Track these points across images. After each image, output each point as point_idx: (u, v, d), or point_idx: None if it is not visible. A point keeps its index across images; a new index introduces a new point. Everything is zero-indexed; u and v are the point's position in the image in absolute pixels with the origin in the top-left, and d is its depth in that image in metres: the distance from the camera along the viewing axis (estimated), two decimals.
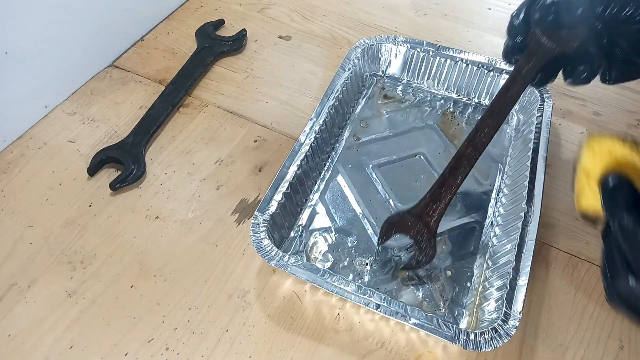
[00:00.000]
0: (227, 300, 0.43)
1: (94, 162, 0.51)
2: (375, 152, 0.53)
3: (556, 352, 0.41)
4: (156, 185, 0.50)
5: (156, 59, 0.63)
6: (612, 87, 0.61)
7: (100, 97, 0.59)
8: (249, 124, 0.57)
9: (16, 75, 0.52)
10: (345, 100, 0.55)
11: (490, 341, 0.36)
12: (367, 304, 0.39)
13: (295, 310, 0.42)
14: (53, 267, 0.44)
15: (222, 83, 0.61)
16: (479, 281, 0.44)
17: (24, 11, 0.50)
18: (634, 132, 0.57)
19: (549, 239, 0.47)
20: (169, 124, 0.56)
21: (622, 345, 0.41)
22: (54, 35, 0.54)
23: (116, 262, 0.45)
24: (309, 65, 0.63)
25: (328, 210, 0.48)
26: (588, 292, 0.44)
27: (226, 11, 0.71)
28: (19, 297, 0.43)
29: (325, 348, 0.40)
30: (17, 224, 0.47)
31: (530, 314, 0.43)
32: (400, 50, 0.59)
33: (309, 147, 0.48)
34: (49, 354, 0.40)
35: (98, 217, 0.48)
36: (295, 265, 0.40)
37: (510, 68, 0.55)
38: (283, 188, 0.45)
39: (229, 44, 0.64)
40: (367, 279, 0.44)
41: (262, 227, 0.42)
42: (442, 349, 0.40)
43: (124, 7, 0.62)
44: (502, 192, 0.49)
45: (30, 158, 0.52)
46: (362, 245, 0.46)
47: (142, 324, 0.41)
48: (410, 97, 0.59)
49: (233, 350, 0.40)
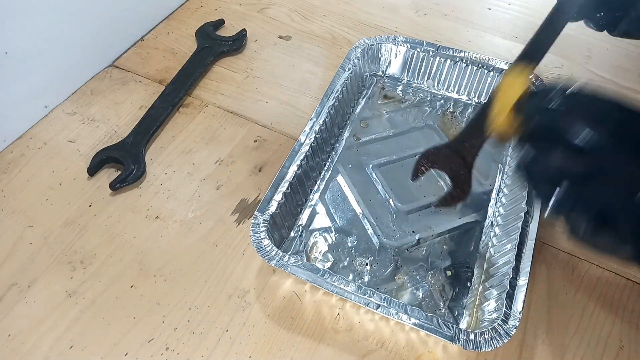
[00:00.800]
0: (227, 300, 0.43)
1: (94, 162, 0.51)
2: (375, 152, 0.53)
3: (556, 352, 0.41)
4: (156, 185, 0.50)
5: (156, 59, 0.63)
6: (612, 87, 0.62)
7: (100, 97, 0.59)
8: (249, 124, 0.57)
9: (16, 75, 0.52)
10: (345, 100, 0.55)
11: (490, 341, 0.36)
12: (367, 304, 0.39)
13: (295, 310, 0.42)
14: (53, 267, 0.44)
15: (222, 83, 0.61)
16: (479, 281, 0.44)
17: (24, 11, 0.50)
18: None
19: (549, 239, 0.47)
20: (169, 124, 0.56)
21: (622, 345, 0.41)
22: (54, 35, 0.54)
23: (116, 262, 0.45)
24: (309, 65, 0.63)
25: (328, 210, 0.48)
26: (588, 292, 0.44)
27: (226, 11, 0.71)
28: (19, 297, 0.43)
29: (325, 348, 0.40)
30: (17, 224, 0.47)
31: (530, 314, 0.43)
32: (400, 50, 0.59)
33: (309, 147, 0.48)
34: (49, 354, 0.40)
35: (98, 217, 0.48)
36: (295, 266, 0.40)
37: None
38: (283, 188, 0.45)
39: (229, 44, 0.64)
40: (367, 279, 0.44)
41: (262, 227, 0.42)
42: (441, 349, 0.40)
43: (124, 7, 0.62)
44: (502, 192, 0.49)
45: (30, 158, 0.52)
46: (362, 245, 0.46)
47: (142, 324, 0.41)
48: (410, 97, 0.59)
49: (233, 350, 0.40)
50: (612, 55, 0.66)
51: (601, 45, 0.67)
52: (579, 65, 0.64)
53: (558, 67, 0.64)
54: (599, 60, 0.65)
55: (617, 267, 0.46)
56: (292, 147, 0.48)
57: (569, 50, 0.66)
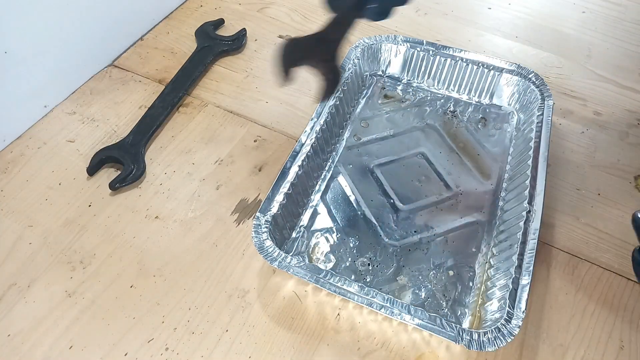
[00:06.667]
0: (227, 300, 0.43)
1: (93, 161, 0.51)
2: (376, 152, 0.53)
3: (556, 352, 0.41)
4: (156, 185, 0.50)
5: (156, 59, 0.63)
6: (613, 86, 0.62)
7: (100, 96, 0.58)
8: (249, 123, 0.56)
9: (16, 75, 0.51)
10: (345, 100, 0.55)
11: (494, 341, 0.36)
12: (370, 304, 0.38)
13: (295, 310, 0.42)
14: (53, 267, 0.44)
15: (222, 83, 0.61)
16: (481, 281, 0.43)
17: (24, 11, 0.50)
18: (634, 132, 0.57)
19: (549, 239, 0.47)
20: (168, 124, 0.56)
21: (622, 345, 0.41)
22: (54, 35, 0.54)
23: (116, 262, 0.45)
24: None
25: (329, 211, 0.48)
26: (588, 292, 0.44)
27: (226, 11, 0.71)
28: (19, 297, 0.42)
29: (326, 348, 0.40)
30: (17, 224, 0.47)
31: (531, 314, 0.43)
32: (400, 50, 0.59)
33: (310, 147, 0.48)
34: (48, 354, 0.39)
35: (98, 217, 0.48)
36: (298, 267, 0.40)
37: (511, 67, 0.55)
38: (284, 189, 0.45)
39: (229, 44, 0.64)
40: (369, 279, 0.44)
41: (264, 228, 0.42)
42: (443, 349, 0.40)
43: (124, 7, 0.62)
44: (503, 192, 0.49)
45: (30, 158, 0.52)
46: (364, 246, 0.46)
47: (142, 324, 0.41)
48: (410, 97, 0.59)
49: (233, 350, 0.40)
50: (612, 55, 0.66)
51: (601, 45, 0.67)
52: (579, 64, 0.64)
53: (558, 66, 0.64)
54: (599, 60, 0.65)
55: (617, 267, 0.46)
56: (292, 147, 0.48)
57: (569, 49, 0.66)
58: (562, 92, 0.61)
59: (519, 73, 0.55)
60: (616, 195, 0.51)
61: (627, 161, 0.54)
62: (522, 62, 0.57)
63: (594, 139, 0.56)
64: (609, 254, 0.47)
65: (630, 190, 0.52)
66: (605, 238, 0.48)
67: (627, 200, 0.51)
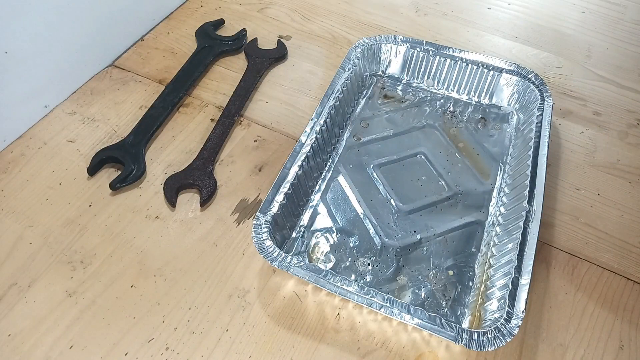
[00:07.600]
0: (227, 300, 0.43)
1: (93, 161, 0.51)
2: (376, 152, 0.53)
3: (556, 352, 0.41)
4: (156, 185, 0.50)
5: (156, 59, 0.63)
6: (612, 86, 0.62)
7: (100, 96, 0.58)
8: (249, 123, 0.56)
9: (16, 75, 0.51)
10: (345, 100, 0.55)
11: (494, 340, 0.36)
12: (370, 304, 0.39)
13: (296, 310, 0.42)
14: (53, 267, 0.44)
15: (222, 83, 0.61)
16: (481, 280, 0.44)
17: (24, 11, 0.50)
18: (634, 132, 0.57)
19: (549, 239, 0.48)
20: (169, 124, 0.56)
21: (622, 345, 0.41)
22: (54, 35, 0.54)
23: (116, 262, 0.45)
24: (309, 65, 0.63)
25: (329, 211, 0.48)
26: (588, 292, 0.44)
27: (226, 11, 0.71)
28: (19, 297, 0.42)
29: (326, 348, 0.40)
30: (17, 224, 0.47)
31: (530, 314, 0.43)
32: (400, 50, 0.59)
33: (310, 148, 0.48)
34: (49, 354, 0.40)
35: (98, 217, 0.48)
36: (298, 267, 0.40)
37: (510, 67, 0.56)
38: (284, 189, 0.45)
39: (229, 44, 0.64)
40: (369, 279, 0.44)
41: (264, 228, 0.42)
42: (443, 349, 0.40)
43: (124, 7, 0.62)
44: (503, 191, 0.49)
45: (30, 158, 0.52)
46: (364, 246, 0.46)
47: (142, 323, 0.41)
48: (410, 97, 0.59)
49: (233, 350, 0.40)
50: (612, 55, 0.66)
51: (601, 45, 0.67)
52: (579, 64, 0.65)
53: (557, 66, 0.64)
54: (599, 60, 0.65)
55: (616, 267, 0.46)
56: (292, 147, 0.48)
57: (569, 49, 0.66)
58: (561, 92, 0.61)
59: (518, 73, 0.55)
60: (616, 195, 0.51)
61: (627, 161, 0.54)
62: (522, 62, 0.57)
63: (594, 139, 0.56)
64: (608, 254, 0.47)
65: (630, 190, 0.52)
66: (605, 238, 0.48)
67: (627, 200, 0.51)
